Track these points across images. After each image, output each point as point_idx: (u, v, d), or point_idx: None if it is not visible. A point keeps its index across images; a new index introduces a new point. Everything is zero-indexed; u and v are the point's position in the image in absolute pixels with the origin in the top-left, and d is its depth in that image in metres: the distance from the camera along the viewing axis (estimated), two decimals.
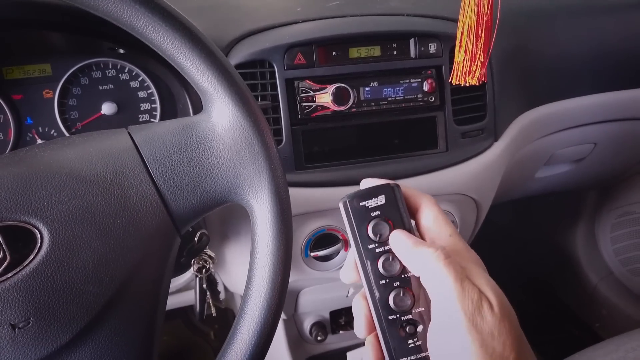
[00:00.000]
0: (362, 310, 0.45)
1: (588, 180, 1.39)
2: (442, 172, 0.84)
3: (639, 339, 0.89)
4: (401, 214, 0.45)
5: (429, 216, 0.45)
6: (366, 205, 0.45)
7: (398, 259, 0.44)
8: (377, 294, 0.44)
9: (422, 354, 0.43)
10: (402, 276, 0.44)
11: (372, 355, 0.45)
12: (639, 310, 1.49)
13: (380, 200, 0.45)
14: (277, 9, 0.87)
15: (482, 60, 0.63)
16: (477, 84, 0.66)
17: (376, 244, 0.45)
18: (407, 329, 0.43)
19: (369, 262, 0.45)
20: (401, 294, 0.44)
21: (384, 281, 0.44)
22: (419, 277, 0.43)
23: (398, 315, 0.44)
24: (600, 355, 0.85)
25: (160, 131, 0.51)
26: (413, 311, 0.44)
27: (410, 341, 0.43)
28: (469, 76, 0.64)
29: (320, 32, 0.78)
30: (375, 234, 0.45)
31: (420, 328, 0.44)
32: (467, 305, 0.39)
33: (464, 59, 0.64)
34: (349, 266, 0.46)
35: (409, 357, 0.43)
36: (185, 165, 0.50)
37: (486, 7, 0.60)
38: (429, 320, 0.43)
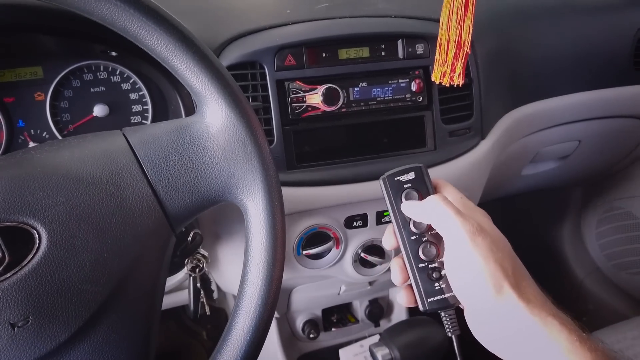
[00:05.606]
0: (397, 264, 0.57)
1: (573, 177, 1.41)
2: (430, 170, 0.84)
3: (624, 331, 0.92)
4: (427, 185, 0.58)
5: (447, 191, 0.58)
6: (400, 179, 0.58)
7: None
8: (409, 248, 0.56)
9: (445, 295, 0.55)
10: (429, 233, 0.56)
11: (406, 299, 0.57)
12: (625, 304, 1.52)
13: (411, 175, 0.58)
14: (267, 11, 0.88)
15: (457, 63, 0.64)
16: (449, 85, 0.67)
17: None
18: (433, 275, 0.55)
19: (403, 223, 0.57)
20: (428, 246, 0.55)
21: (414, 237, 0.56)
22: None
23: (426, 264, 0.55)
24: None
25: (154, 132, 0.52)
26: (437, 260, 0.55)
27: (436, 284, 0.55)
28: (444, 78, 0.65)
29: (310, 34, 0.79)
30: (407, 200, 0.57)
31: (443, 273, 0.54)
32: (468, 228, 0.49)
33: (439, 60, 0.65)
34: (388, 234, 0.58)
35: (435, 297, 0.55)
36: (180, 165, 0.51)
37: (462, 11, 0.61)
38: None
